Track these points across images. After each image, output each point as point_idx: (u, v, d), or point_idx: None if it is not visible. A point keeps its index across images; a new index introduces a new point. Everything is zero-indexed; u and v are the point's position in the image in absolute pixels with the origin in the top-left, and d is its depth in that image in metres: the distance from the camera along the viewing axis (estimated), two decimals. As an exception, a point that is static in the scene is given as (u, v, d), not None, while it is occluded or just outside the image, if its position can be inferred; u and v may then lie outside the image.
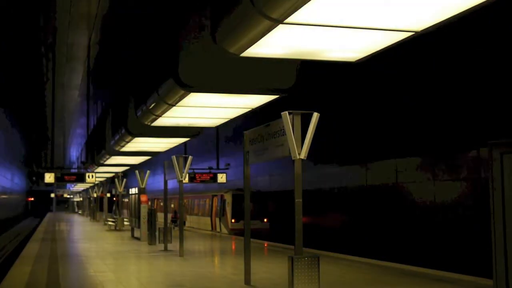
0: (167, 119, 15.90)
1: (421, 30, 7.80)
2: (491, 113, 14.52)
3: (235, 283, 10.49)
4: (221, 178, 28.14)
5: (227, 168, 29.13)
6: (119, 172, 37.09)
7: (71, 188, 75.68)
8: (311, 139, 8.07)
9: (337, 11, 7.11)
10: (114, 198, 41.95)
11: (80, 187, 62.39)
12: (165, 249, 16.96)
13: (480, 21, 13.30)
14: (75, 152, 58.61)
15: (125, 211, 43.78)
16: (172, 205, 36.31)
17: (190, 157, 15.51)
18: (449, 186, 16.11)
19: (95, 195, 45.64)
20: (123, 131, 20.12)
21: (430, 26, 7.64)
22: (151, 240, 19.13)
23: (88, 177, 24.87)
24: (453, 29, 11.53)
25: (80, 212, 67.60)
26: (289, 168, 8.67)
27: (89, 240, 22.99)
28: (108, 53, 20.96)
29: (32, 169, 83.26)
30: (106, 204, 37.77)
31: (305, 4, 6.63)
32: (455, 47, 15.59)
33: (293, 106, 8.88)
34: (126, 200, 43.83)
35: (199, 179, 27.90)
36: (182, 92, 12.13)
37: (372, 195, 19.87)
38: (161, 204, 39.02)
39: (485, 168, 14.07)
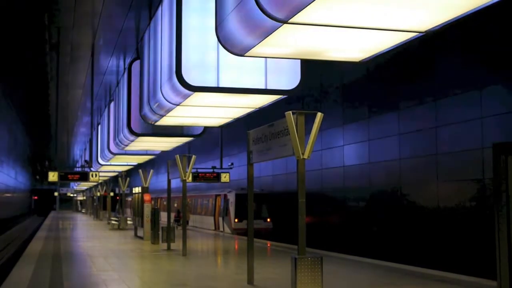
0: (171, 119, 15.91)
1: (427, 30, 7.79)
2: None
3: (238, 283, 10.49)
4: (225, 177, 28.12)
5: (230, 168, 29.12)
6: (122, 171, 37.14)
7: (74, 187, 75.81)
8: (315, 139, 8.06)
9: (341, 11, 7.10)
10: (117, 197, 41.99)
11: (83, 186, 62.49)
12: (168, 248, 16.97)
13: None
14: (78, 151, 58.72)
15: (128, 210, 43.85)
16: (175, 204, 36.33)
17: (193, 157, 15.51)
18: None
19: (98, 194, 45.69)
20: (126, 130, 20.16)
21: (436, 26, 7.63)
22: (154, 239, 19.13)
23: (92, 176, 24.86)
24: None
25: (83, 211, 67.72)
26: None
27: (92, 238, 23.02)
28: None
29: (36, 167, 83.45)
30: (109, 203, 37.79)
31: (309, 4, 6.62)
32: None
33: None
34: (129, 199, 43.93)
35: (202, 179, 27.88)
36: (186, 91, 12.14)
37: None
38: (164, 203, 39.04)
39: None
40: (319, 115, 8.04)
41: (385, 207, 19.52)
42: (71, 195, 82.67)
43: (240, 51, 9.10)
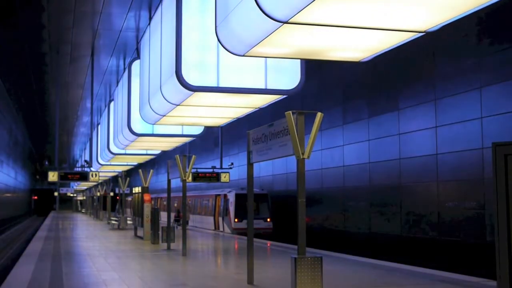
0: (171, 119, 15.92)
1: (426, 30, 7.80)
2: None
3: (238, 283, 10.48)
4: (224, 177, 28.13)
5: (230, 168, 29.13)
6: (122, 171, 37.16)
7: (74, 187, 75.79)
8: (315, 139, 8.06)
9: (341, 11, 7.10)
10: (117, 197, 42.02)
11: (83, 186, 62.50)
12: (168, 248, 16.97)
13: None
14: (78, 151, 58.76)
15: (128, 210, 43.85)
16: (175, 204, 36.33)
17: (193, 157, 15.52)
18: None
19: (98, 194, 45.68)
20: (126, 130, 20.16)
21: (436, 26, 7.64)
22: (154, 239, 19.13)
23: (92, 176, 24.86)
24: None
25: (83, 211, 67.72)
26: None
27: (92, 238, 23.01)
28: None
29: (36, 167, 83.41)
30: (109, 203, 37.79)
31: (309, 4, 6.62)
32: None
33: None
34: (129, 199, 43.96)
35: (202, 179, 27.89)
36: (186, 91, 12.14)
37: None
38: (164, 203, 39.03)
39: None
40: (319, 115, 8.04)
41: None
42: (71, 195, 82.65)
43: (240, 51, 9.10)
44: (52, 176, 23.37)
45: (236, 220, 27.20)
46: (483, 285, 9.98)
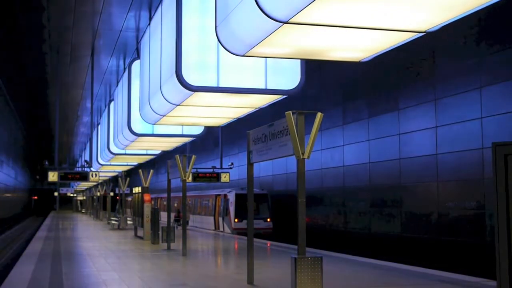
0: (171, 119, 15.92)
1: (426, 30, 7.80)
2: None
3: (238, 283, 10.49)
4: (224, 177, 28.13)
5: (230, 168, 29.13)
6: (122, 171, 37.18)
7: (74, 187, 75.78)
8: (315, 139, 8.06)
9: (341, 11, 7.11)
10: (117, 197, 42.01)
11: (83, 186, 62.49)
12: (168, 248, 16.97)
13: None
14: (78, 151, 58.76)
15: (128, 210, 43.85)
16: (175, 204, 36.33)
17: (193, 157, 15.52)
18: None
19: (98, 194, 45.67)
20: (126, 130, 20.17)
21: (436, 26, 7.64)
22: (154, 239, 19.14)
23: (92, 176, 24.86)
24: None
25: (83, 211, 67.74)
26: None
27: (92, 238, 23.02)
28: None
29: (36, 167, 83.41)
30: (109, 203, 37.79)
31: (309, 4, 6.62)
32: None
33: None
34: (129, 199, 43.95)
35: (202, 179, 27.88)
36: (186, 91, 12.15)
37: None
38: (164, 203, 39.03)
39: None
40: (319, 115, 8.04)
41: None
42: (71, 195, 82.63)
43: (240, 51, 9.11)
44: (52, 176, 23.37)
45: (236, 220, 27.21)
46: (483, 285, 9.98)
